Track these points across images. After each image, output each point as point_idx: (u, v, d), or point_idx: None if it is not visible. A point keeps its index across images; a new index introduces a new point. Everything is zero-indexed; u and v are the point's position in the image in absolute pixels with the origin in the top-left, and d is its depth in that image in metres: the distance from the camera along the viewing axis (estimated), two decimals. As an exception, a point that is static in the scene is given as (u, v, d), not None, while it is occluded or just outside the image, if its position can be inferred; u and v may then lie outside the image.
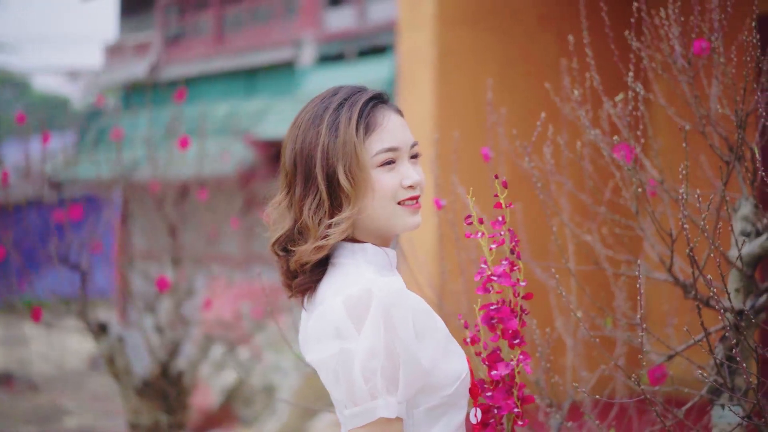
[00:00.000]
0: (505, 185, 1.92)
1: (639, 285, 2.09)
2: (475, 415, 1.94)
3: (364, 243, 1.98)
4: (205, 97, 13.12)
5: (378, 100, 1.99)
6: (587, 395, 2.50)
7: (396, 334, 1.82)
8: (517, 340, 1.87)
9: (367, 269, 1.93)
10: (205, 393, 9.36)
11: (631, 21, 2.73)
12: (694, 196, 2.35)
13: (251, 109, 12.84)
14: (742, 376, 2.44)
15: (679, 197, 2.55)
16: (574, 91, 2.73)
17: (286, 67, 12.75)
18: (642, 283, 2.10)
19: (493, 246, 1.89)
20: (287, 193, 1.98)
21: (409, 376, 1.83)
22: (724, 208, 2.57)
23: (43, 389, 11.73)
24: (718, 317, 2.36)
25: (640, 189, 2.61)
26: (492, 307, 1.89)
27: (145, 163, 7.74)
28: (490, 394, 1.89)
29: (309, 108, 1.99)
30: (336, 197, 1.93)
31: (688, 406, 2.52)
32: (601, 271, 3.06)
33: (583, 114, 2.72)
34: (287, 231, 1.96)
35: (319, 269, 1.97)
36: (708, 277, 2.22)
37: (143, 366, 5.79)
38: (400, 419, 1.85)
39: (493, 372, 1.88)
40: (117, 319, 11.85)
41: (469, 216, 1.93)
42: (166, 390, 5.69)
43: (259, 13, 13.64)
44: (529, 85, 5.58)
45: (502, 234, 1.91)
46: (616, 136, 2.61)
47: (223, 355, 9.27)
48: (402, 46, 6.13)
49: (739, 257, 2.46)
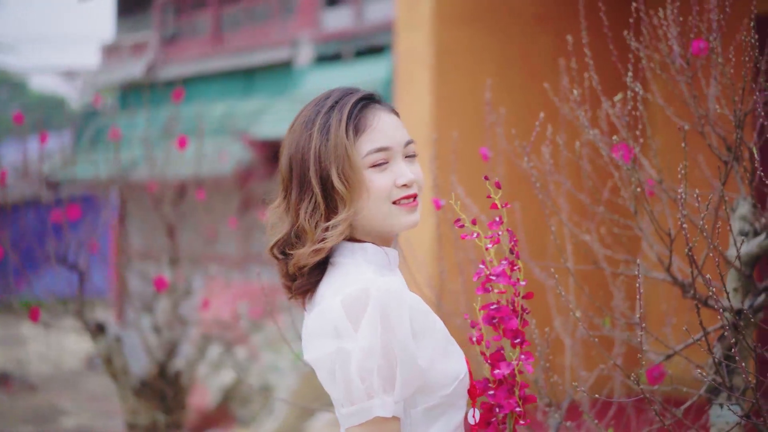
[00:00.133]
0: (498, 186, 1.92)
1: (638, 284, 2.09)
2: (474, 416, 1.94)
3: (364, 242, 1.98)
4: (202, 97, 13.12)
5: (369, 100, 1.98)
6: (586, 394, 2.50)
7: (393, 333, 1.82)
8: (518, 340, 1.87)
9: (367, 269, 1.93)
10: (203, 393, 9.36)
11: (630, 21, 2.73)
12: (692, 196, 2.35)
13: (249, 109, 12.83)
14: (740, 375, 2.45)
15: (677, 197, 2.55)
16: (573, 91, 2.73)
17: (284, 67, 12.74)
18: (640, 282, 2.10)
19: (490, 246, 1.89)
20: (284, 198, 1.99)
21: (406, 376, 1.83)
22: (722, 208, 2.57)
23: (40, 389, 11.73)
24: (717, 317, 2.36)
25: (638, 189, 2.61)
26: (492, 307, 1.89)
27: (142, 163, 7.75)
28: (492, 393, 1.90)
29: (303, 112, 2.00)
30: (331, 200, 1.93)
31: (686, 405, 2.52)
32: (599, 271, 3.06)
33: (582, 114, 2.72)
34: (285, 235, 1.97)
35: (318, 270, 1.97)
36: (706, 276, 2.22)
37: (141, 366, 5.78)
38: (396, 419, 1.85)
39: (496, 371, 1.88)
40: (114, 319, 11.85)
41: (458, 219, 1.93)
42: (164, 390, 5.69)
43: (256, 13, 13.64)
44: (528, 85, 5.58)
45: (500, 234, 1.90)
46: (615, 136, 2.61)
47: (220, 355, 9.27)
48: (399, 46, 6.12)
49: (737, 257, 2.46)
